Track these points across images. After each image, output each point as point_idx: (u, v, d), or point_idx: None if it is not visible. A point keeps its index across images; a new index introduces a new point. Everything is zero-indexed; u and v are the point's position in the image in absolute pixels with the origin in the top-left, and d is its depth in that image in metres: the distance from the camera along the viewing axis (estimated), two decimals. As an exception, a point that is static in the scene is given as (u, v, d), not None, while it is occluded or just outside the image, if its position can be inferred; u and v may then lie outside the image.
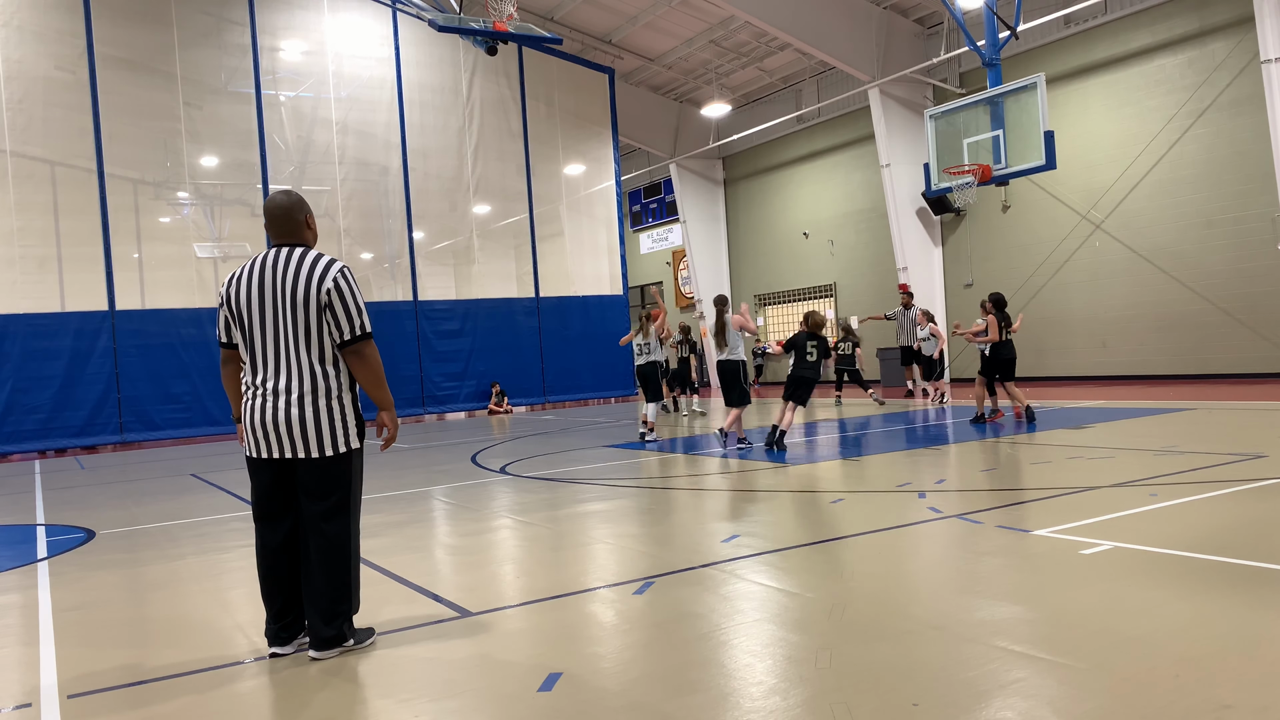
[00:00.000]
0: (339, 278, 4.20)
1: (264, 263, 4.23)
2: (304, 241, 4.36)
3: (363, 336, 4.22)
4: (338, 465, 4.23)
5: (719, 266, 29.42)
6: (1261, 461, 7.79)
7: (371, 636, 4.36)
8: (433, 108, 22.34)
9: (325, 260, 4.24)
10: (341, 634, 4.19)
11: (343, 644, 4.21)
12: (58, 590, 5.81)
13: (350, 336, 4.20)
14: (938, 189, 16.33)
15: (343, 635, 4.20)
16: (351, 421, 4.27)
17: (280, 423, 4.15)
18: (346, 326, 4.19)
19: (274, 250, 4.29)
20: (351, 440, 4.26)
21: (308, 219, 4.39)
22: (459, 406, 22.29)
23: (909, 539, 5.87)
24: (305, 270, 4.18)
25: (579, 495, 8.51)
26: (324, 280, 4.17)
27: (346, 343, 4.21)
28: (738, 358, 11.21)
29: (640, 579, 5.20)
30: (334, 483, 4.22)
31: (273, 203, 4.36)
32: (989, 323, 12.15)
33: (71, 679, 4.09)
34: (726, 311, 11.33)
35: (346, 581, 4.22)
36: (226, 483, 11.20)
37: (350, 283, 4.24)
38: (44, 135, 18.34)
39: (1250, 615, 3.92)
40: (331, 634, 4.16)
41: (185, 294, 19.57)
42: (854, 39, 21.04)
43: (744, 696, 3.41)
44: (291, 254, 4.24)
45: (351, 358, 4.24)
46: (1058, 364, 19.70)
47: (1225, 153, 16.93)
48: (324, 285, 4.16)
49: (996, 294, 12.47)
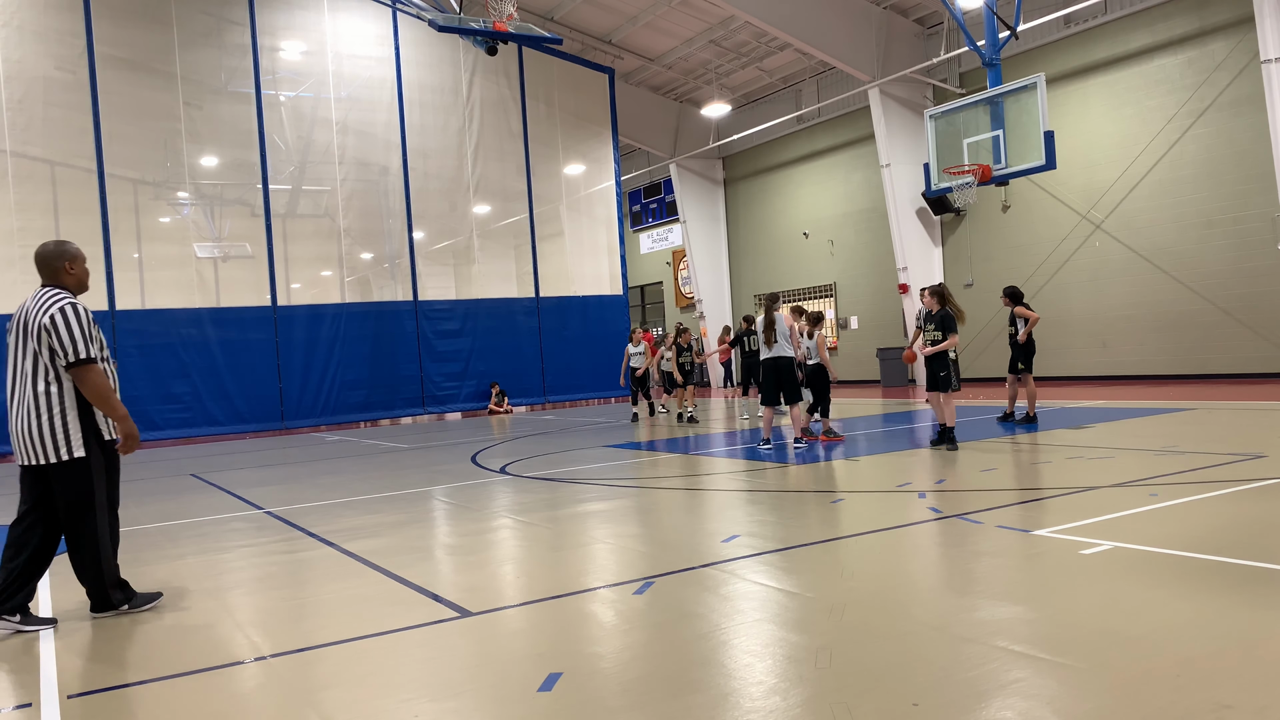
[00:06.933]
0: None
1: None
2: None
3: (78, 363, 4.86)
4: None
5: (719, 266, 29.42)
6: (1261, 461, 7.79)
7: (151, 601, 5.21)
8: (433, 108, 22.34)
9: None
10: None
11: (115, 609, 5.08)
12: (58, 590, 5.81)
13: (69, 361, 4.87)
14: (938, 189, 16.32)
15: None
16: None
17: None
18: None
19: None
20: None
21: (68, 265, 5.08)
22: (459, 406, 22.29)
23: (909, 539, 5.87)
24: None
25: (579, 495, 8.51)
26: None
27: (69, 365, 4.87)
28: (787, 354, 11.14)
29: (640, 579, 5.20)
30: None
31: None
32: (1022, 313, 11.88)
33: (71, 679, 4.09)
34: (777, 309, 11.21)
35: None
36: (226, 483, 11.20)
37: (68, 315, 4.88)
38: (44, 135, 18.34)
39: (1250, 615, 3.92)
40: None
41: (185, 294, 19.58)
42: (854, 39, 21.04)
43: (744, 696, 3.41)
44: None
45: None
46: (1058, 364, 19.70)
47: (1225, 153, 16.93)
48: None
49: (1013, 287, 12.33)
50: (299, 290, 21.17)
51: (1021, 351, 11.86)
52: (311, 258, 21.47)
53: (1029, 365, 11.85)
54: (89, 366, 4.86)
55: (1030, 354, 11.87)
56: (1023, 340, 11.79)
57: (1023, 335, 11.77)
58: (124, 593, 5.15)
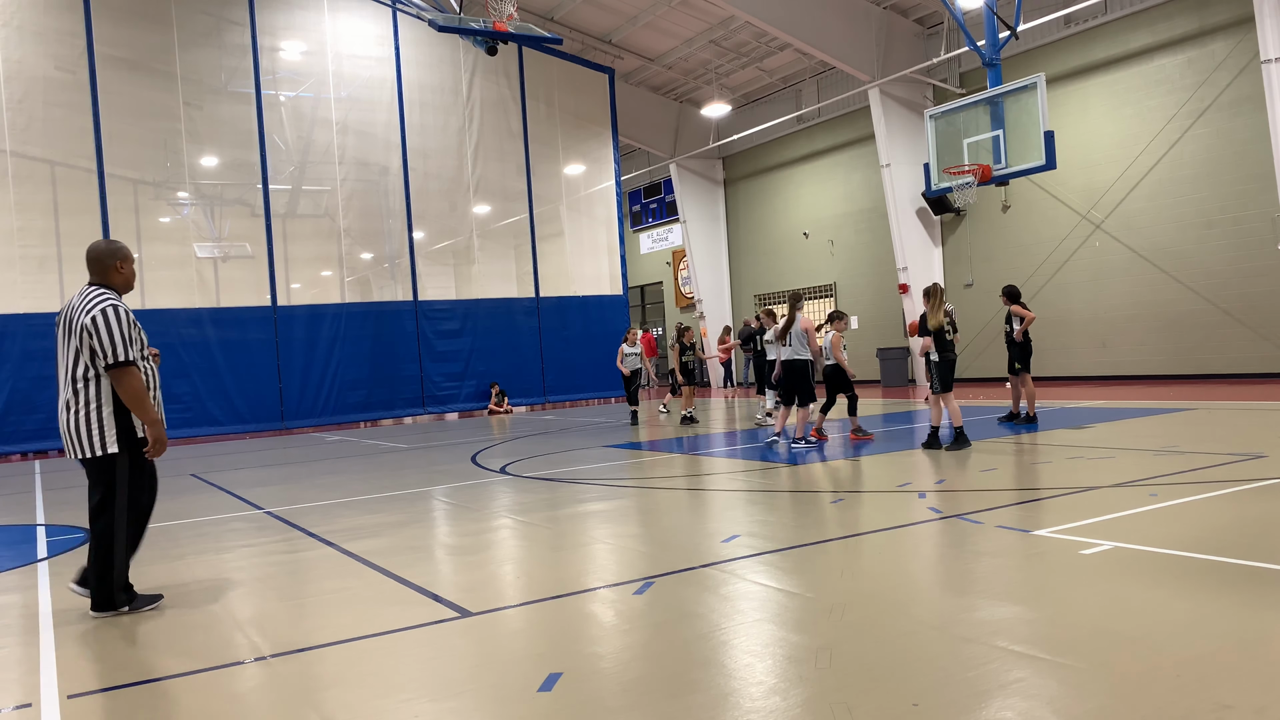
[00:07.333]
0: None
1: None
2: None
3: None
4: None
5: (719, 266, 29.42)
6: (1261, 461, 7.79)
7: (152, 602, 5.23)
8: (433, 108, 22.34)
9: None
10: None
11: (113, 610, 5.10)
12: (58, 590, 5.81)
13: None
14: (938, 189, 16.32)
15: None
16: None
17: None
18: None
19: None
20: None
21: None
22: (459, 406, 22.29)
23: (909, 539, 5.87)
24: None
25: (579, 495, 8.51)
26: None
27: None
28: (804, 357, 11.15)
29: (640, 579, 5.20)
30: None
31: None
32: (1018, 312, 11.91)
33: (71, 679, 4.09)
34: (799, 310, 11.22)
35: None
36: (226, 483, 11.20)
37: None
38: (44, 135, 18.34)
39: (1250, 615, 3.92)
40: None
41: (185, 294, 19.57)
42: (854, 39, 21.04)
43: (744, 696, 3.41)
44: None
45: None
46: (1058, 364, 19.70)
47: (1225, 153, 16.93)
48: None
49: (1011, 286, 12.36)
50: (299, 290, 21.17)
51: (1019, 351, 11.87)
52: (311, 258, 21.47)
53: (1026, 365, 11.87)
54: (127, 369, 5.00)
55: (1027, 354, 11.89)
56: (1018, 339, 11.80)
57: (1018, 333, 11.78)
58: (127, 594, 5.20)
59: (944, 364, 10.24)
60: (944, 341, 10.28)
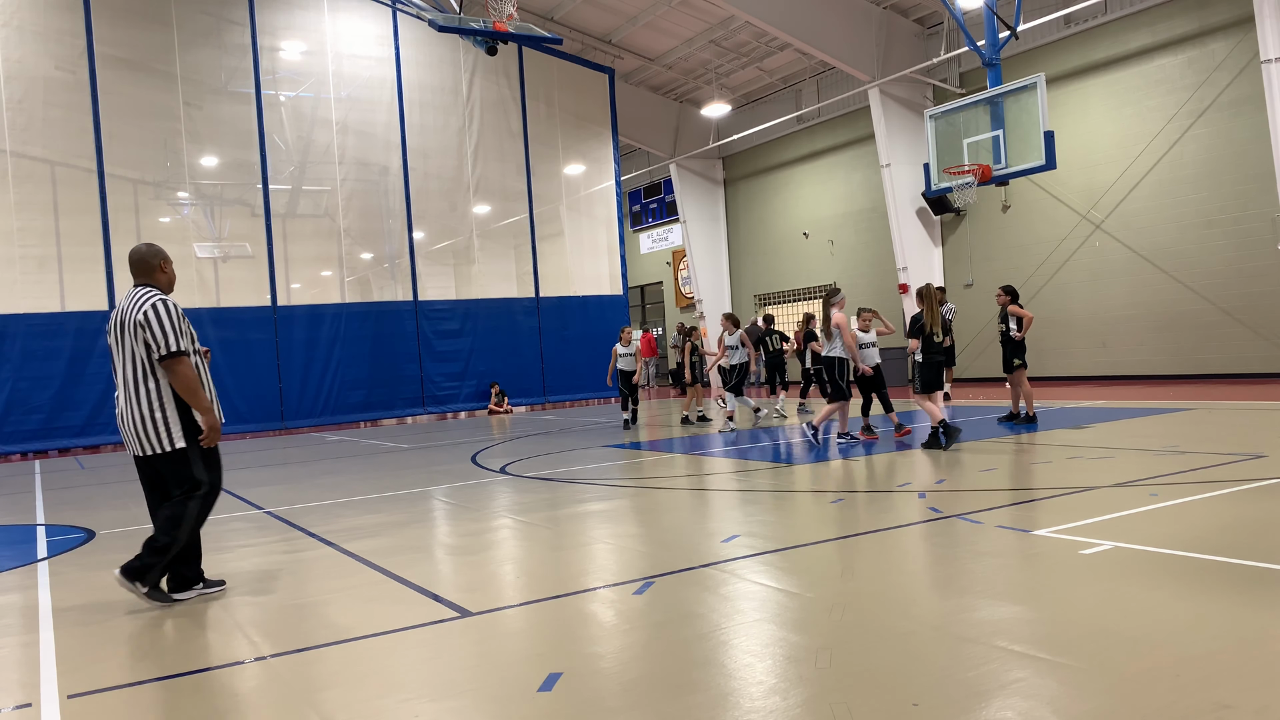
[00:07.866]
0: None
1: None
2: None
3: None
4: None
5: (719, 266, 29.42)
6: (1261, 461, 7.79)
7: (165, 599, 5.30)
8: (433, 108, 22.34)
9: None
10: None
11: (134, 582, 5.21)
12: (58, 590, 5.81)
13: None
14: (938, 189, 16.32)
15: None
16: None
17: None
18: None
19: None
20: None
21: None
22: (459, 406, 22.30)
23: (909, 539, 5.87)
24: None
25: (579, 495, 8.51)
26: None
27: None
28: (837, 354, 11.15)
29: (640, 579, 5.20)
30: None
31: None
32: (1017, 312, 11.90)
33: (71, 679, 4.09)
34: (833, 305, 11.25)
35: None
36: (227, 483, 11.14)
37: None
38: (44, 135, 18.34)
39: (1250, 615, 3.92)
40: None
41: (185, 294, 19.53)
42: (854, 39, 21.04)
43: (744, 696, 3.41)
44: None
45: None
46: (1058, 364, 19.71)
47: (1225, 153, 16.93)
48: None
49: (1010, 286, 12.36)
50: (299, 290, 21.17)
51: (1016, 349, 11.93)
52: (311, 258, 21.46)
53: (1024, 361, 11.92)
54: (180, 359, 5.19)
55: (1023, 351, 11.95)
56: (1019, 338, 11.84)
57: (1022, 332, 11.82)
58: (159, 576, 5.33)
59: (927, 365, 10.35)
60: (931, 344, 10.36)
